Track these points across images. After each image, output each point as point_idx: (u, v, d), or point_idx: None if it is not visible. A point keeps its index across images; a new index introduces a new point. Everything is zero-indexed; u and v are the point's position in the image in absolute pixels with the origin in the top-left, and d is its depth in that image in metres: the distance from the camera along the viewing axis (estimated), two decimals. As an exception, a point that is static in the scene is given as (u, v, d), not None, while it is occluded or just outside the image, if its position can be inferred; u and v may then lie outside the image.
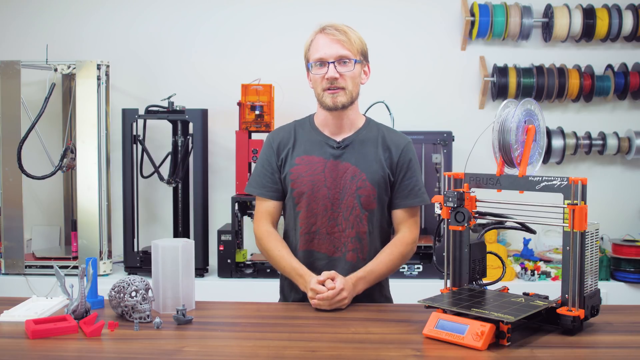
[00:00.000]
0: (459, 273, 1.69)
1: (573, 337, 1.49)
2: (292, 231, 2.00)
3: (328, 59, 1.87)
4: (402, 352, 1.41)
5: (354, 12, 3.59)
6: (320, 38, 1.90)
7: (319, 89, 1.91)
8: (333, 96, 1.89)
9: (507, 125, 1.57)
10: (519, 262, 3.33)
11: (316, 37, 1.91)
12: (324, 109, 1.94)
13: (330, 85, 1.88)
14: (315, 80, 1.92)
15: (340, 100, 1.89)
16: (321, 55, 1.87)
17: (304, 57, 1.96)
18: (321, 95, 1.91)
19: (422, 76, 3.65)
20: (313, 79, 1.92)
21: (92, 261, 1.71)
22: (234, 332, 1.61)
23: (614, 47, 3.62)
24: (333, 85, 1.88)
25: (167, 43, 3.69)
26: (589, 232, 1.51)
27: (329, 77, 1.87)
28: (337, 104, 1.89)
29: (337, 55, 1.87)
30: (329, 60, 1.87)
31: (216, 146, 3.61)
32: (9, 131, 3.33)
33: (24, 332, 1.54)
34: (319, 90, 1.91)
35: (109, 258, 3.38)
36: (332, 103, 1.89)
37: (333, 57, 1.87)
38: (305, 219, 1.94)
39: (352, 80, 1.90)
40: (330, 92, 1.88)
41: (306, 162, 1.95)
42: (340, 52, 1.87)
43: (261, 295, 2.14)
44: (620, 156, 3.62)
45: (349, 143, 1.96)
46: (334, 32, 1.88)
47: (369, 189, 1.92)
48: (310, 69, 1.92)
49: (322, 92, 1.90)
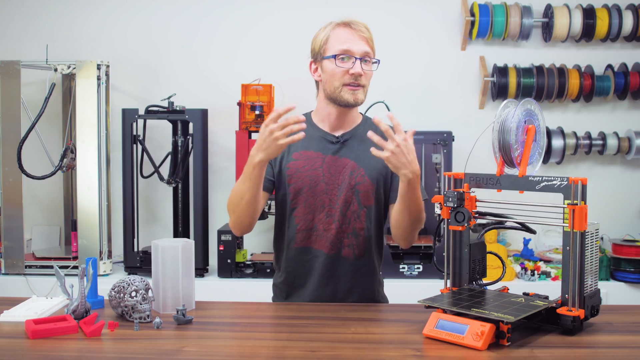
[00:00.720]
0: (459, 273, 1.69)
1: (573, 337, 1.49)
2: (286, 228, 1.95)
3: (355, 53, 1.83)
4: (402, 352, 1.41)
5: (354, 12, 3.52)
6: (345, 32, 1.86)
7: (337, 82, 1.85)
8: (354, 92, 1.85)
9: (507, 125, 1.57)
10: (519, 262, 3.33)
11: (338, 30, 1.87)
12: (337, 105, 1.89)
13: (353, 81, 1.84)
14: (334, 74, 1.85)
15: (360, 97, 1.87)
16: (349, 48, 1.83)
17: (316, 49, 1.90)
18: (339, 90, 1.85)
19: (422, 76, 3.65)
20: (331, 71, 1.85)
21: (92, 261, 1.71)
22: (234, 332, 1.61)
23: (614, 47, 3.62)
24: (357, 81, 1.85)
25: (167, 43, 3.69)
26: (589, 232, 1.50)
27: (354, 73, 1.82)
28: (358, 101, 1.87)
29: (364, 51, 1.84)
30: (356, 55, 1.83)
31: (216, 146, 3.61)
32: (9, 131, 3.33)
33: (24, 332, 1.54)
34: (337, 84, 1.85)
35: (109, 258, 3.38)
36: (352, 99, 1.86)
37: (360, 52, 1.84)
38: (302, 215, 1.91)
39: (369, 79, 1.90)
40: (352, 88, 1.85)
41: (304, 158, 1.92)
42: (366, 49, 1.85)
43: (261, 295, 2.14)
44: (620, 156, 3.62)
45: (348, 138, 1.93)
46: (362, 28, 1.86)
47: (368, 185, 1.90)
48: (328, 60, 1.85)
49: (340, 86, 1.85)
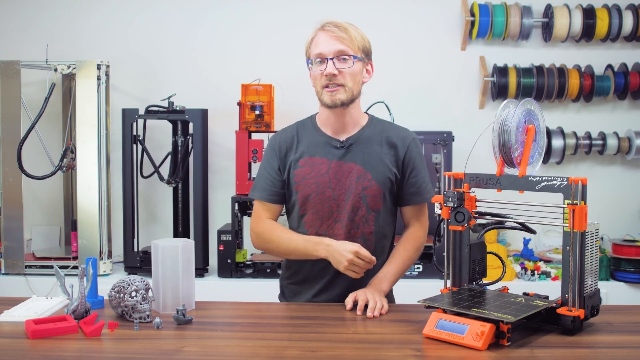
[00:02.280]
0: (459, 273, 1.69)
1: (573, 337, 1.49)
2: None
3: (327, 55, 1.84)
4: (402, 352, 1.41)
5: (354, 11, 3.59)
6: (320, 35, 1.87)
7: (318, 86, 1.88)
8: (332, 94, 1.85)
9: (507, 125, 1.57)
10: (519, 262, 3.33)
11: (317, 34, 1.89)
12: (325, 107, 1.91)
13: (328, 82, 1.85)
14: (314, 78, 1.89)
15: (339, 97, 1.85)
16: (320, 51, 1.85)
17: (305, 55, 1.94)
18: (320, 93, 1.88)
19: (422, 76, 3.65)
20: (312, 76, 1.90)
21: (92, 261, 1.71)
22: (234, 332, 1.61)
23: (614, 47, 3.63)
24: (332, 82, 1.84)
25: (167, 43, 3.70)
26: (589, 232, 1.50)
27: (327, 74, 1.83)
28: (336, 102, 1.86)
29: (336, 50, 1.84)
30: (328, 56, 1.84)
31: (216, 146, 3.61)
32: (9, 131, 3.33)
33: (24, 332, 1.54)
34: (318, 88, 1.88)
35: (109, 258, 3.38)
36: (330, 101, 1.86)
37: (332, 53, 1.84)
38: (310, 221, 1.92)
39: (351, 77, 1.86)
40: (329, 90, 1.85)
41: (310, 164, 1.92)
42: (338, 47, 1.84)
43: (261, 295, 2.14)
44: (620, 156, 3.62)
45: (352, 142, 1.93)
46: (333, 28, 1.85)
47: (375, 189, 1.89)
48: (311, 66, 1.90)
49: (321, 89, 1.87)
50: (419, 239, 1.97)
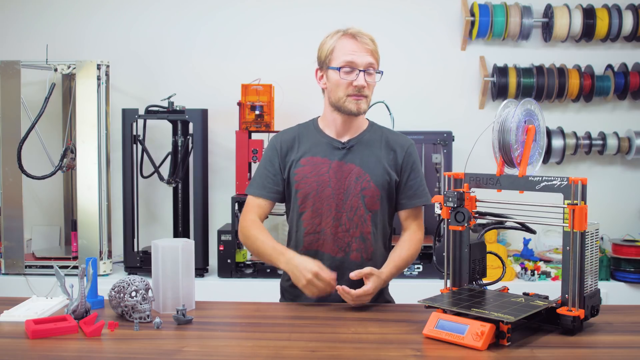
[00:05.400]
0: (459, 273, 1.69)
1: (573, 337, 1.49)
2: (295, 232, 2.01)
3: (359, 66, 1.88)
4: (402, 352, 1.41)
5: (354, 12, 3.59)
6: (350, 43, 1.90)
7: (341, 93, 1.91)
8: (357, 102, 1.91)
9: (507, 125, 1.57)
10: (519, 262, 3.33)
11: (344, 40, 1.91)
12: (342, 113, 1.94)
13: (357, 93, 1.90)
14: (338, 84, 1.91)
15: (363, 107, 1.93)
16: (353, 60, 1.88)
17: (322, 58, 1.95)
18: (343, 100, 1.92)
19: (422, 76, 3.65)
20: (336, 82, 1.91)
21: (92, 261, 1.71)
22: (234, 332, 1.61)
23: (614, 47, 3.62)
24: (360, 93, 1.90)
25: (167, 43, 3.69)
26: (589, 232, 1.51)
27: (358, 85, 1.89)
28: (361, 111, 1.93)
29: (367, 63, 1.89)
30: (360, 67, 1.88)
31: (216, 146, 3.61)
32: (9, 131, 3.33)
33: (24, 332, 1.54)
34: (341, 94, 1.91)
35: (109, 258, 3.38)
36: (356, 109, 1.92)
37: (364, 65, 1.88)
38: (309, 219, 1.95)
39: (372, 90, 1.95)
40: (355, 98, 1.91)
41: (311, 164, 1.96)
42: (370, 60, 1.90)
43: (261, 295, 2.14)
44: (620, 156, 3.62)
45: (353, 144, 1.98)
46: (367, 40, 1.90)
47: (373, 190, 1.94)
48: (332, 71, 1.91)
49: (345, 96, 1.91)
50: (418, 241, 2.00)
